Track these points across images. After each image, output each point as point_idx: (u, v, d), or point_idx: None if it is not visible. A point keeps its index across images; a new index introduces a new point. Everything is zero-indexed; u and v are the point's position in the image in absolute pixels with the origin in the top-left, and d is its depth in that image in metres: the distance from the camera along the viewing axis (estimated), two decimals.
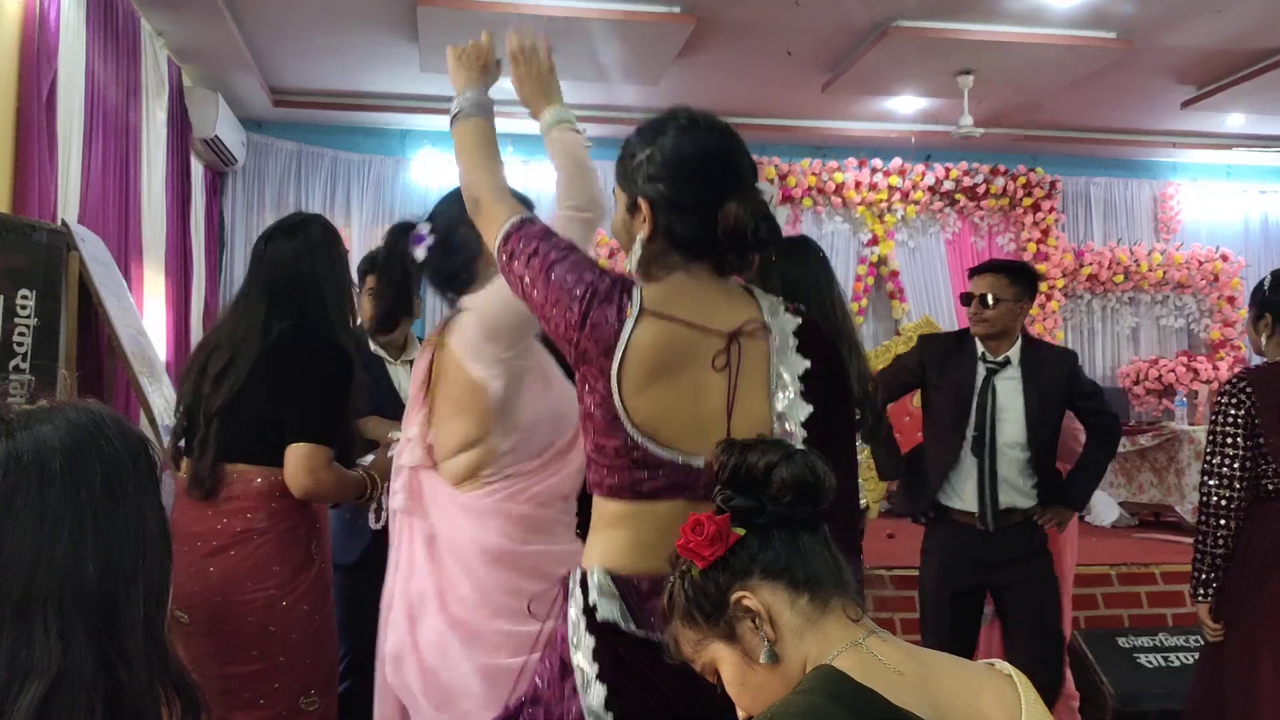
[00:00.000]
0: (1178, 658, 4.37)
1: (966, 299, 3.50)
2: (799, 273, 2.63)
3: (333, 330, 2.57)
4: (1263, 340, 2.97)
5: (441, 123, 7.96)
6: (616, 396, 1.62)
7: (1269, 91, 7.26)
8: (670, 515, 1.58)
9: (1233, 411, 2.81)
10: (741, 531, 1.27)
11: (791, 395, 1.66)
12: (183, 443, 2.60)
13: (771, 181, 8.37)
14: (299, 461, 2.43)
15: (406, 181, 8.28)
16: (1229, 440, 2.79)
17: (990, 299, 3.43)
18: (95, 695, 1.01)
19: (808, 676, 1.20)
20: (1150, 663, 4.55)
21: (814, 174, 8.53)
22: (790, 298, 2.55)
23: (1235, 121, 8.23)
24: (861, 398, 2.53)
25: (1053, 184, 8.84)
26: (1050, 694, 3.30)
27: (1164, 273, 8.89)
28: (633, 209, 1.72)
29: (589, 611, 1.62)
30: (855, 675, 1.17)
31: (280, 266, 2.59)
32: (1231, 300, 8.96)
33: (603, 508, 1.68)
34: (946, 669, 1.25)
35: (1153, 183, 9.24)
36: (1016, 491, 3.36)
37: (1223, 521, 2.76)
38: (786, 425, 1.65)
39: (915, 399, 3.80)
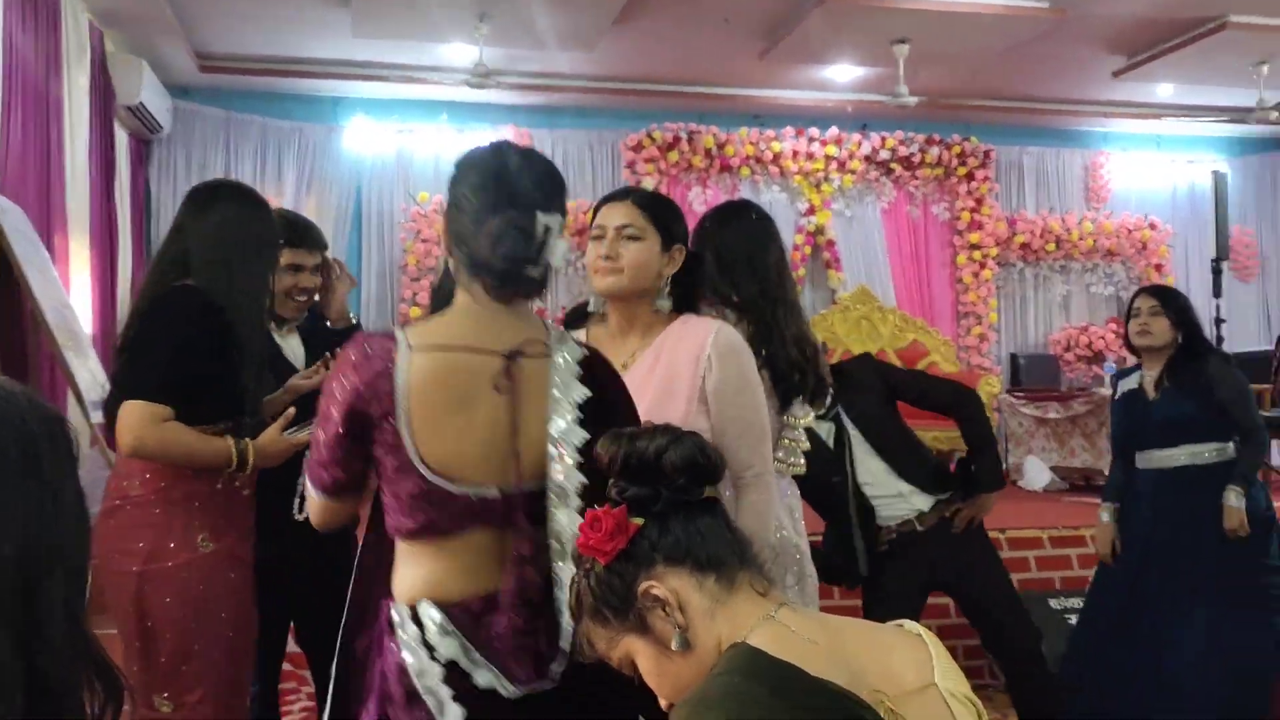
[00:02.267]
0: (1070, 619, 4.47)
1: None
2: (733, 239, 2.59)
3: (230, 296, 2.42)
4: None
5: (375, 89, 7.86)
6: (408, 439, 1.61)
7: (1198, 61, 7.38)
8: (479, 542, 1.64)
9: None
10: (640, 521, 1.27)
11: (569, 419, 1.65)
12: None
13: (710, 151, 8.36)
14: (122, 418, 2.29)
15: (339, 150, 8.14)
16: None
17: None
18: (14, 683, 0.97)
19: (723, 657, 1.20)
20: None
21: (751, 143, 8.53)
22: (722, 266, 2.54)
23: (1164, 91, 8.36)
24: (800, 360, 2.51)
25: (986, 153, 8.93)
26: (1034, 655, 3.33)
27: (1094, 241, 9.04)
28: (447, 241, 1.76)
29: (429, 645, 1.61)
30: (770, 650, 1.17)
31: (192, 233, 2.47)
32: (1159, 268, 9.13)
33: (408, 548, 1.68)
34: (858, 634, 1.27)
35: (1084, 152, 9.37)
36: (908, 495, 3.32)
37: None
38: (563, 451, 1.64)
39: None
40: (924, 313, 8.75)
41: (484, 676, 1.61)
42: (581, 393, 1.68)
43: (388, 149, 8.14)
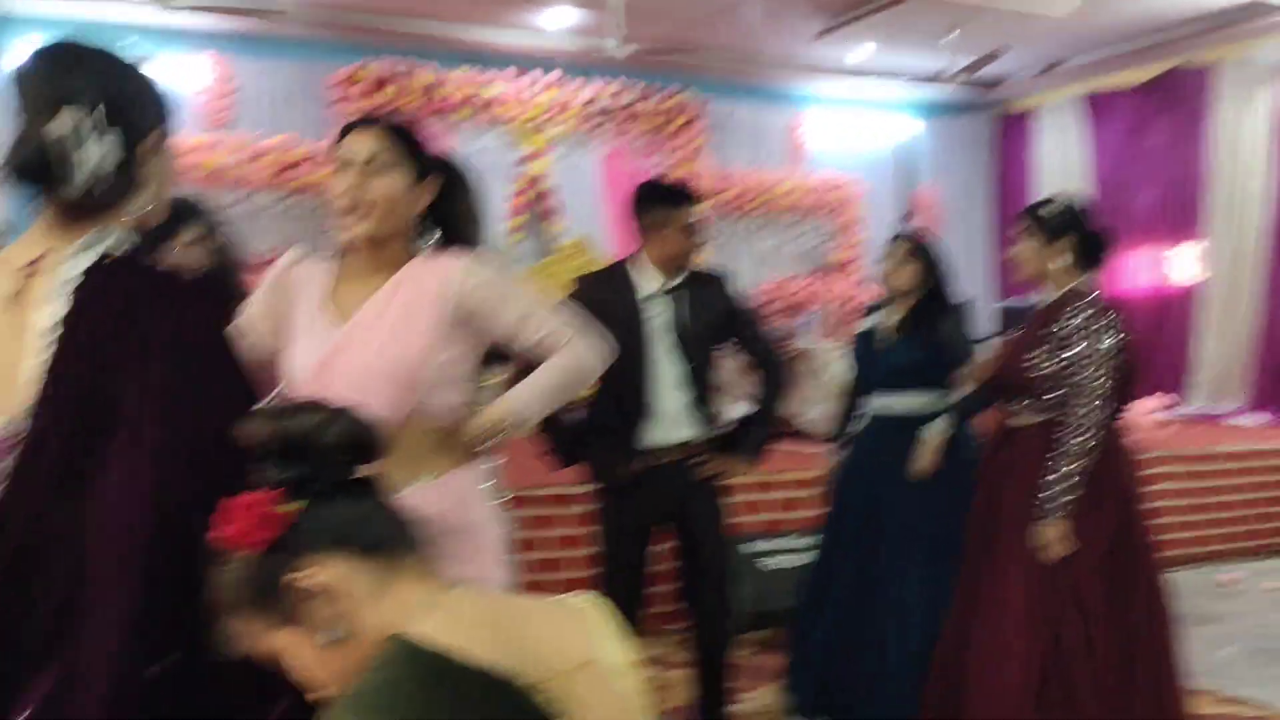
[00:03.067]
0: (798, 558, 4.70)
1: (695, 228, 3.33)
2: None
3: None
4: (1056, 264, 3.04)
5: (51, 7, 7.09)
6: None
7: (897, 24, 7.81)
8: None
9: (1113, 338, 2.92)
10: (295, 506, 1.16)
11: (43, 343, 1.39)
12: None
13: (424, 91, 8.10)
14: None
15: (7, 73, 7.31)
16: (1107, 366, 2.89)
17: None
18: None
19: (380, 653, 1.12)
20: (775, 564, 4.89)
21: (468, 84, 8.33)
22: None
23: (864, 52, 8.80)
24: None
25: (700, 107, 9.13)
26: (719, 633, 3.41)
27: (796, 198, 9.46)
28: None
29: None
30: (434, 636, 1.12)
31: None
32: (854, 224, 9.69)
33: None
34: (524, 611, 1.23)
35: (789, 110, 9.77)
36: (690, 422, 3.31)
37: (1096, 444, 2.87)
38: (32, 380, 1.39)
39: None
40: None
41: None
42: (54, 312, 1.38)
43: None
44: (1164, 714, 2.94)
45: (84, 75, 1.45)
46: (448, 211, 2.19)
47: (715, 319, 3.38)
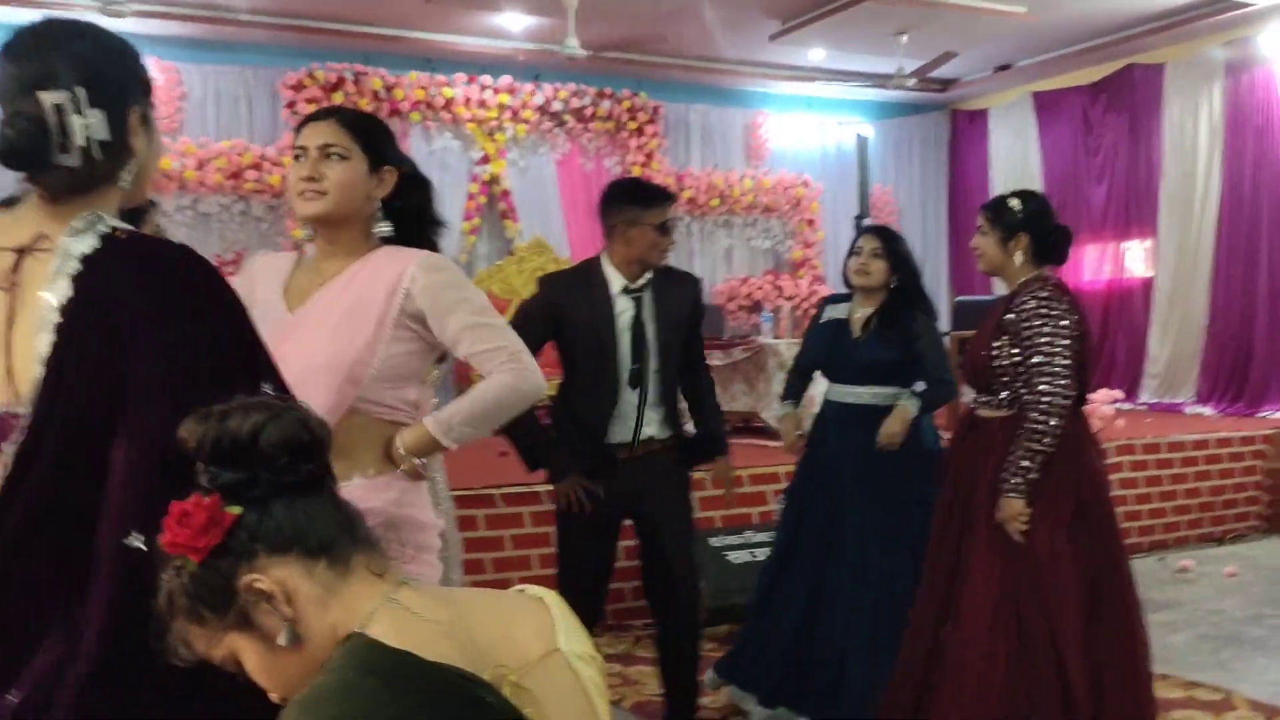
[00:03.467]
0: (761, 553, 4.71)
1: (666, 228, 3.33)
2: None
3: None
4: (1015, 258, 3.07)
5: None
6: None
7: (845, 29, 7.87)
8: None
9: (1069, 318, 2.94)
10: (237, 510, 1.13)
11: (46, 325, 1.38)
12: None
13: (378, 94, 8.04)
14: None
15: None
16: (1066, 344, 2.91)
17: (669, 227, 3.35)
18: None
19: (336, 652, 1.11)
20: (738, 559, 4.90)
21: (422, 88, 8.28)
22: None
23: (816, 55, 8.86)
24: None
25: (655, 109, 9.14)
26: (689, 625, 3.40)
27: (754, 197, 9.49)
28: None
29: None
30: (390, 635, 1.10)
31: None
32: (811, 223, 9.73)
33: None
34: (480, 605, 1.22)
35: (744, 112, 9.80)
36: (655, 421, 3.33)
37: (1060, 422, 2.88)
38: (37, 363, 1.39)
39: None
40: None
41: None
42: (63, 294, 1.37)
43: None
44: (1136, 699, 2.96)
45: (65, 56, 1.42)
46: (403, 208, 2.19)
47: (680, 319, 3.39)
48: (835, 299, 3.94)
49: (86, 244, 1.40)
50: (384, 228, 2.16)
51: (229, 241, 7.84)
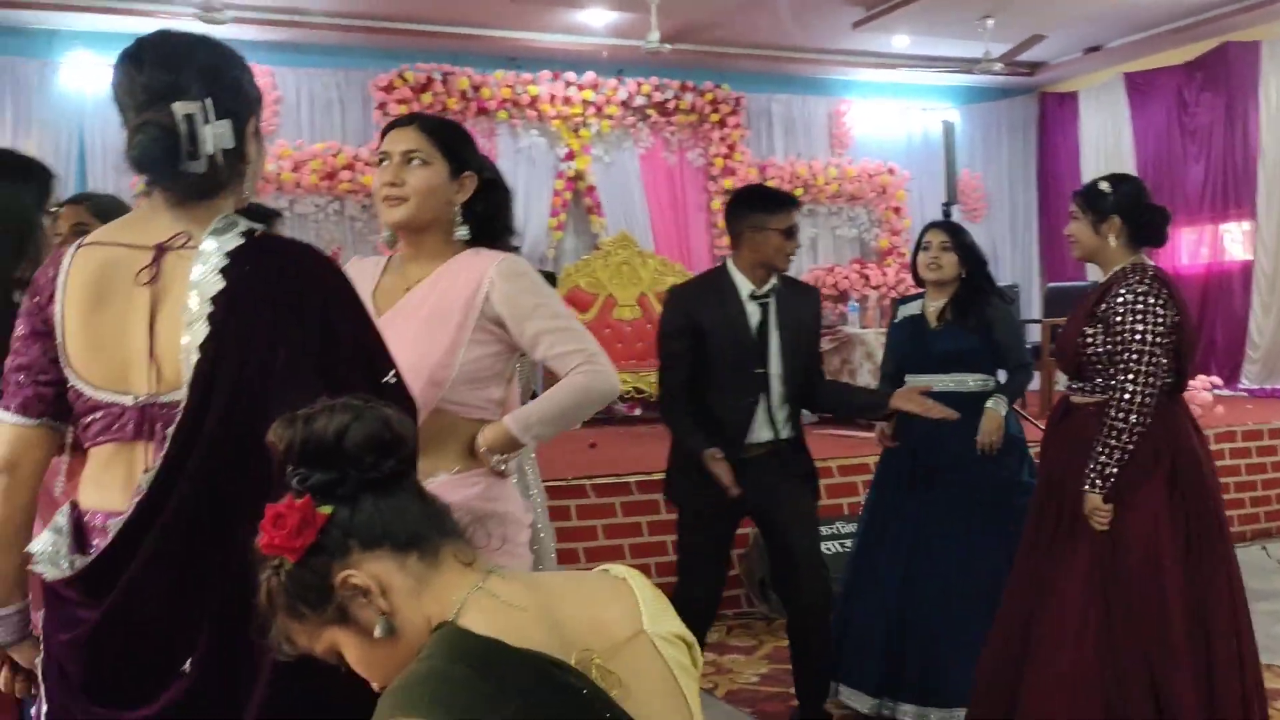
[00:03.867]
0: (850, 544, 4.70)
1: (793, 232, 3.39)
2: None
3: None
4: (1109, 242, 3.03)
5: (96, 21, 7.24)
6: (59, 333, 1.53)
7: (929, 15, 7.79)
8: (111, 454, 1.54)
9: (1166, 313, 2.89)
10: (329, 509, 1.17)
11: (198, 316, 1.49)
12: None
13: (465, 94, 8.18)
14: None
15: (56, 88, 7.48)
16: (1160, 342, 2.87)
17: (795, 232, 3.42)
18: None
19: (428, 642, 1.15)
20: (829, 549, 4.90)
21: (508, 86, 8.40)
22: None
23: (901, 42, 8.78)
24: None
25: (737, 101, 9.14)
26: (820, 611, 3.45)
27: (838, 186, 9.44)
28: None
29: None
30: (480, 624, 1.14)
31: None
32: (898, 211, 9.64)
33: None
34: (565, 589, 1.25)
35: (828, 100, 9.74)
36: (778, 423, 3.40)
37: (1141, 420, 2.85)
38: (191, 351, 1.50)
39: None
40: (682, 257, 8.93)
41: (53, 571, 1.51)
42: (217, 285, 1.49)
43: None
44: (1243, 690, 2.91)
45: (193, 68, 1.53)
46: (480, 212, 2.25)
47: (805, 327, 3.48)
48: (907, 299, 4.03)
49: (231, 241, 1.51)
50: (462, 231, 2.22)
51: (325, 241, 8.04)
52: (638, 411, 8.11)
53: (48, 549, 1.52)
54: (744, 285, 3.42)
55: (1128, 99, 9.56)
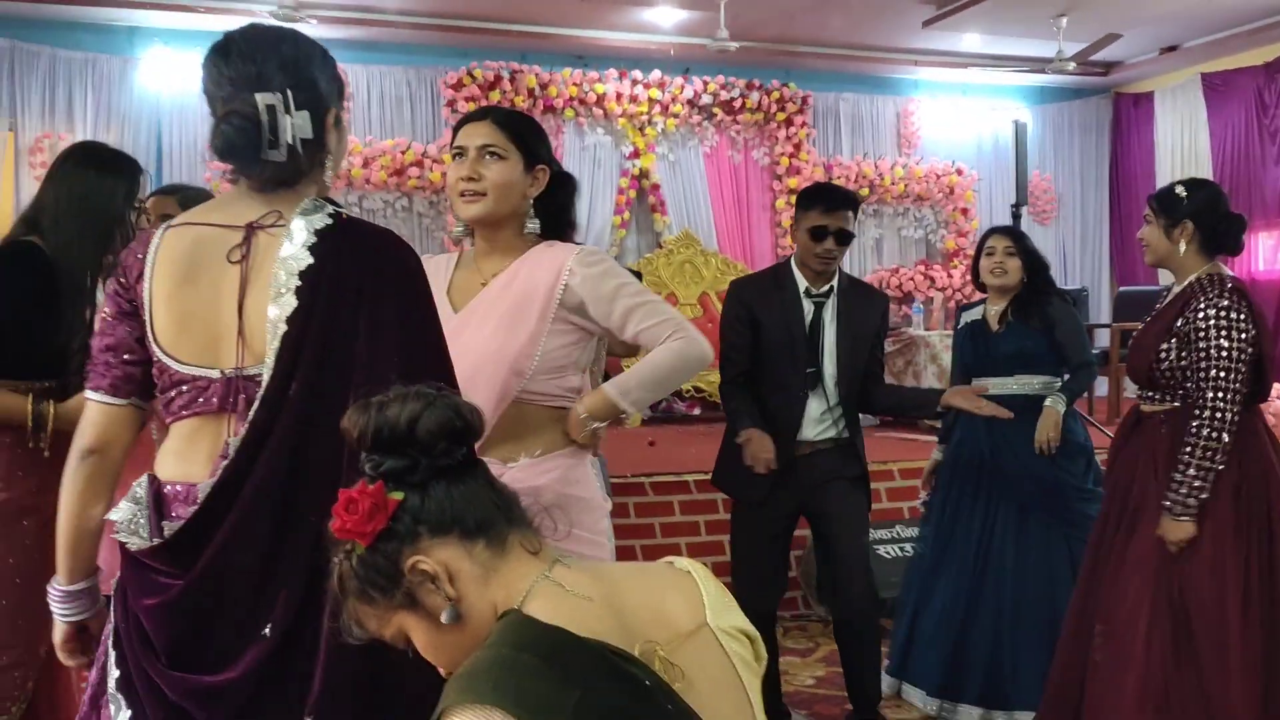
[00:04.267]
0: (912, 548, 4.68)
1: (820, 233, 3.36)
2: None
3: (68, 259, 2.46)
4: (1181, 248, 2.98)
5: (175, 19, 7.41)
6: (146, 309, 1.59)
7: (1001, 13, 7.68)
8: (196, 427, 1.60)
9: (1247, 328, 2.84)
10: (400, 496, 1.20)
11: (286, 290, 1.56)
12: None
13: (533, 92, 8.24)
14: None
15: (135, 84, 7.66)
16: (1243, 356, 2.82)
17: (845, 237, 3.40)
18: None
19: (494, 628, 1.16)
20: (889, 553, 4.88)
21: (575, 85, 8.44)
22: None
23: (971, 41, 8.67)
24: None
25: (804, 99, 9.09)
26: (865, 613, 3.45)
27: (905, 186, 9.34)
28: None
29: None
30: (545, 612, 1.15)
31: (46, 192, 2.56)
32: (965, 212, 9.52)
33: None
34: (630, 580, 1.26)
35: (896, 99, 9.65)
36: (830, 423, 3.42)
37: (1231, 437, 2.80)
38: (279, 323, 1.56)
39: None
40: (745, 256, 8.91)
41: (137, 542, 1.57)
42: (305, 261, 1.56)
43: (191, 83, 7.66)
44: None
45: (275, 60, 1.59)
46: (551, 204, 2.28)
47: (866, 331, 3.48)
48: (969, 305, 4.03)
49: (319, 221, 1.59)
50: (533, 225, 2.25)
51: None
52: (697, 411, 8.12)
53: (127, 518, 1.59)
54: (801, 282, 3.44)
55: (1205, 100, 9.35)
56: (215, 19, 7.33)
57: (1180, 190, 3.03)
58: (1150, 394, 3.04)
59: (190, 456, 1.59)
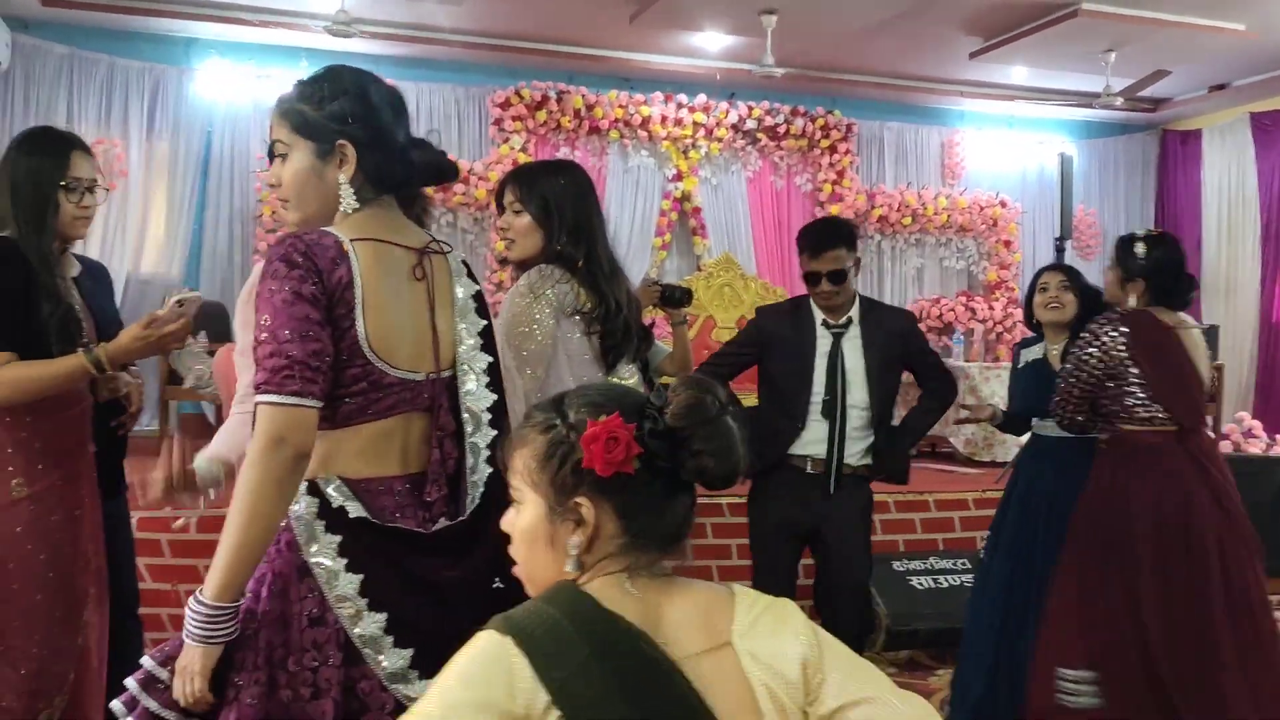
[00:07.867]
0: (946, 579, 4.66)
1: (814, 279, 3.44)
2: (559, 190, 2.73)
3: (31, 247, 2.53)
4: (1131, 301, 3.21)
5: (231, 31, 7.55)
6: (360, 320, 1.71)
7: (1049, 47, 7.66)
8: (392, 426, 1.77)
9: (1115, 343, 3.20)
10: (636, 465, 1.25)
11: (469, 310, 1.89)
12: None
13: (579, 113, 8.32)
14: None
15: (190, 94, 7.80)
16: (1092, 367, 3.24)
17: (838, 276, 3.43)
18: None
19: (554, 586, 1.26)
20: (922, 584, 4.85)
21: (621, 106, 8.51)
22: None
23: (1018, 74, 8.65)
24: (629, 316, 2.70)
25: (849, 127, 9.10)
26: (855, 639, 3.45)
27: (948, 216, 9.32)
28: (327, 154, 1.79)
29: (329, 513, 1.69)
30: (593, 588, 1.25)
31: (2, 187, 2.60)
32: (1008, 244, 9.48)
33: (323, 433, 1.73)
34: (681, 594, 1.29)
35: (941, 129, 9.64)
36: (852, 451, 3.45)
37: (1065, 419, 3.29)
38: (466, 337, 1.87)
39: None
40: (785, 281, 8.91)
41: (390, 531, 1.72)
42: (472, 286, 1.91)
43: (243, 94, 7.81)
44: None
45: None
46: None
47: (891, 355, 3.50)
48: (1026, 343, 4.01)
49: (459, 254, 1.95)
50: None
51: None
52: None
53: (310, 513, 1.73)
54: (818, 314, 3.49)
55: (1253, 140, 9.27)
56: (271, 33, 7.46)
57: (1139, 248, 3.17)
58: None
59: (386, 452, 1.77)
